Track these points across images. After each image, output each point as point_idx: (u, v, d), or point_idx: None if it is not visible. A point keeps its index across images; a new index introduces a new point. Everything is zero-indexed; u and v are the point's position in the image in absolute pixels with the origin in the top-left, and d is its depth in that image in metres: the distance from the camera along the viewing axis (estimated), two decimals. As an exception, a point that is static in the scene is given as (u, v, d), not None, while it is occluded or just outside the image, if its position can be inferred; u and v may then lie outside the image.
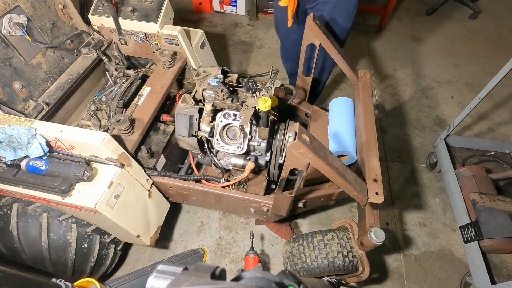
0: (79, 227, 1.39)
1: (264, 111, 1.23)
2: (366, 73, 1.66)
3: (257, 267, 0.43)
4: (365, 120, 1.45)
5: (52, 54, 1.70)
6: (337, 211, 2.04)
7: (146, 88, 1.68)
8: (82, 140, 1.21)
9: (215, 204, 1.57)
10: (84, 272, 1.47)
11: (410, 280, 1.76)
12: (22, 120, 1.24)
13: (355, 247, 1.30)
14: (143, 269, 1.50)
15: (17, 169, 1.22)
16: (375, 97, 2.72)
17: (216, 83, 1.41)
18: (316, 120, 1.72)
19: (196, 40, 1.92)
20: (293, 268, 1.36)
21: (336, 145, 1.46)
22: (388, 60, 3.06)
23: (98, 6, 1.81)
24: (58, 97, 1.64)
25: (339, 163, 1.11)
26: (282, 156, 1.48)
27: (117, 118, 1.41)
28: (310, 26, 1.48)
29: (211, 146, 1.49)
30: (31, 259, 1.38)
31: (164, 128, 1.70)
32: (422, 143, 2.39)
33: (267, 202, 1.42)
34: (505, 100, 2.65)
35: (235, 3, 3.49)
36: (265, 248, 1.87)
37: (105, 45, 1.90)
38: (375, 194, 1.17)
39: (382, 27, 3.30)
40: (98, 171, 1.27)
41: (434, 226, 1.97)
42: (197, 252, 1.63)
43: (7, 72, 1.48)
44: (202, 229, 1.95)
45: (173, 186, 1.50)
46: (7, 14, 1.46)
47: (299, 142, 0.92)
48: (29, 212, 1.34)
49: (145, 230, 1.49)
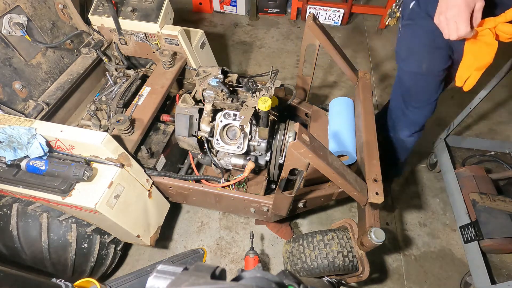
0: (79, 227, 1.39)
1: (264, 111, 1.23)
2: (366, 73, 1.66)
3: (257, 267, 0.43)
4: (365, 120, 1.44)
5: (52, 54, 1.70)
6: (337, 211, 2.04)
7: (146, 88, 1.68)
8: (82, 140, 1.21)
9: (215, 204, 1.57)
10: (84, 272, 1.47)
11: (410, 280, 1.76)
12: (22, 120, 1.24)
13: (355, 247, 1.30)
14: (143, 269, 1.49)
15: (17, 169, 1.22)
16: (375, 97, 2.72)
17: (216, 83, 1.41)
18: (316, 120, 1.72)
19: (196, 40, 1.92)
20: (293, 268, 1.36)
21: (336, 145, 1.46)
22: (388, 60, 3.06)
23: (98, 6, 1.81)
24: (58, 97, 1.64)
25: (339, 163, 1.11)
26: (282, 156, 1.48)
27: (117, 118, 1.41)
28: (310, 26, 1.48)
29: (211, 146, 1.49)
30: (31, 259, 1.37)
31: (164, 128, 1.70)
32: (422, 143, 2.38)
33: (267, 202, 1.42)
34: (505, 100, 2.65)
35: (235, 3, 3.49)
36: (265, 248, 1.87)
37: (105, 45, 1.90)
38: (375, 194, 1.17)
39: (382, 27, 3.30)
40: (98, 171, 1.27)
41: (434, 226, 1.97)
42: (197, 252, 1.63)
43: (7, 72, 1.48)
44: (202, 229, 1.95)
45: (173, 186, 1.50)
46: (7, 14, 1.46)
47: (299, 142, 0.92)
48: (29, 212, 1.34)
49: (145, 230, 1.49)
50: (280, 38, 3.32)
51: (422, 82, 1.43)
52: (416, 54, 1.36)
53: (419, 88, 1.46)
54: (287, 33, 3.38)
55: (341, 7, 3.25)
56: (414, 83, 1.45)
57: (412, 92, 1.50)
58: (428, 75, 1.39)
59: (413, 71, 1.41)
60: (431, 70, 1.37)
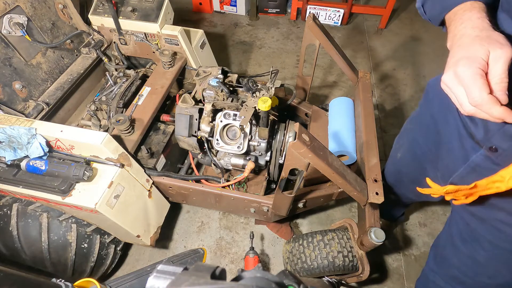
0: (79, 227, 1.39)
1: (264, 111, 1.23)
2: (366, 73, 1.66)
3: (257, 267, 0.43)
4: (365, 120, 1.45)
5: (52, 54, 1.70)
6: (337, 211, 2.04)
7: (146, 88, 1.68)
8: (82, 140, 1.21)
9: (215, 204, 1.57)
10: (84, 272, 1.47)
11: (410, 280, 1.76)
12: (22, 120, 1.24)
13: (355, 247, 1.30)
14: (143, 269, 1.49)
15: (17, 169, 1.22)
16: (375, 97, 2.72)
17: (216, 83, 1.41)
18: (316, 120, 1.72)
19: (196, 40, 1.92)
20: (293, 268, 1.36)
21: (336, 145, 1.46)
22: (388, 60, 3.06)
23: (98, 6, 1.81)
24: (58, 97, 1.64)
25: (339, 163, 1.11)
26: (282, 156, 1.48)
27: (117, 118, 1.41)
28: (310, 26, 1.48)
29: (211, 146, 1.49)
30: (31, 259, 1.38)
31: (164, 128, 1.70)
32: (422, 143, 2.39)
33: (267, 202, 1.42)
34: (505, 100, 2.65)
35: (235, 3, 3.49)
36: (265, 248, 1.87)
37: (105, 45, 1.90)
38: (375, 194, 1.17)
39: (382, 27, 3.30)
40: (98, 171, 1.27)
41: (434, 226, 1.97)
42: (197, 252, 1.63)
43: (7, 72, 1.48)
44: (202, 229, 1.95)
45: (173, 186, 1.50)
46: (7, 14, 1.46)
47: (299, 142, 0.92)
48: (29, 212, 1.34)
49: (145, 230, 1.49)
50: (280, 38, 3.32)
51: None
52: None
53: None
54: (287, 33, 3.38)
55: (341, 7, 3.25)
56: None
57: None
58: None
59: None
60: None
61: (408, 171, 1.30)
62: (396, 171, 1.41)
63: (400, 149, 1.32)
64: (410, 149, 1.22)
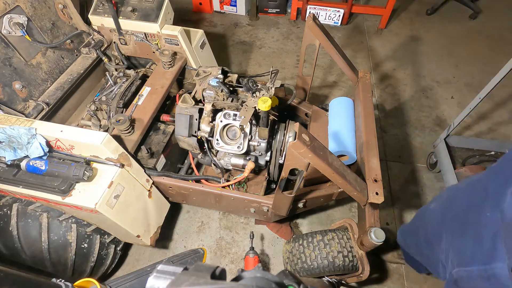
0: (79, 227, 1.39)
1: (264, 111, 1.23)
2: (366, 73, 1.66)
3: (257, 267, 0.43)
4: (365, 120, 1.45)
5: (52, 54, 1.70)
6: (337, 211, 2.04)
7: (146, 88, 1.68)
8: (82, 140, 1.21)
9: (215, 204, 1.57)
10: (84, 272, 1.47)
11: (410, 280, 1.76)
12: (22, 120, 1.24)
13: (355, 247, 1.31)
14: (143, 269, 1.49)
15: (17, 169, 1.22)
16: (375, 97, 2.72)
17: (216, 83, 1.41)
18: (316, 120, 1.72)
19: (196, 40, 1.92)
20: (293, 268, 1.37)
21: (336, 145, 1.46)
22: (388, 60, 3.06)
23: (98, 6, 1.81)
24: (58, 97, 1.64)
25: (339, 163, 1.11)
26: (282, 156, 1.48)
27: (117, 118, 1.41)
28: (310, 26, 1.48)
29: (211, 146, 1.49)
30: (31, 259, 1.38)
31: (164, 128, 1.70)
32: (422, 143, 2.39)
33: (267, 202, 1.42)
34: (505, 100, 2.65)
35: (235, 3, 3.49)
36: (265, 248, 1.87)
37: (105, 45, 1.90)
38: (375, 194, 1.17)
39: (382, 27, 3.30)
40: (98, 171, 1.27)
41: (434, 226, 1.97)
42: (197, 252, 1.63)
43: (7, 72, 1.48)
44: (202, 229, 1.95)
45: (173, 186, 1.50)
46: (7, 14, 1.46)
47: (299, 142, 0.92)
48: (29, 212, 1.34)
49: (145, 230, 1.49)
50: (280, 38, 3.32)
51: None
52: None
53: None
54: (287, 33, 3.38)
55: (341, 7, 3.25)
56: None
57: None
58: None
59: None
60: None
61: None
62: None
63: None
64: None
